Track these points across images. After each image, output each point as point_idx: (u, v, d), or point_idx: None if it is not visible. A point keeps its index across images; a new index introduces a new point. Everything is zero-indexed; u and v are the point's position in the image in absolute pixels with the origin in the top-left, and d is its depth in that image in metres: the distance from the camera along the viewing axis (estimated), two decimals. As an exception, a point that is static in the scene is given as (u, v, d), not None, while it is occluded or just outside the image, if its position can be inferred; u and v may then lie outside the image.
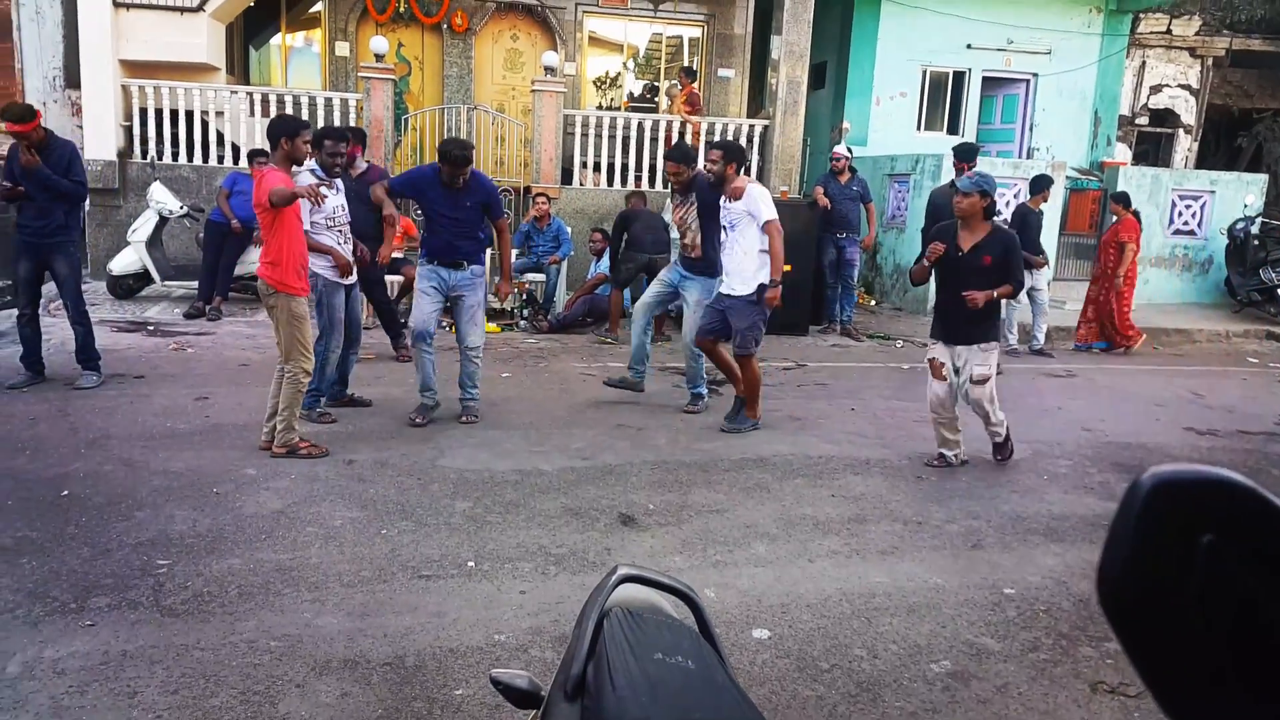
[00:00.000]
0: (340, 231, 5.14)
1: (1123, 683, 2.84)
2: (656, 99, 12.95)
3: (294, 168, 4.59)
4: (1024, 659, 3.01)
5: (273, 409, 4.57)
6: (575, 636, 1.15)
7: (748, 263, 5.23)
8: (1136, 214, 8.66)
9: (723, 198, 5.32)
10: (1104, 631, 3.08)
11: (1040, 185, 8.19)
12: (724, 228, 5.40)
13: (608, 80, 13.29)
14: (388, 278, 7.11)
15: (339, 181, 5.20)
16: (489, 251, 8.59)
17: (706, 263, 5.57)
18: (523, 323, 8.56)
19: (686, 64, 12.69)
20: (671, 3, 12.34)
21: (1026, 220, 8.03)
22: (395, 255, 6.58)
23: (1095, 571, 0.54)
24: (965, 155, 7.78)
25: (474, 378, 5.29)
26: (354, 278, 5.29)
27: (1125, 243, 8.46)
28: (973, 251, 4.57)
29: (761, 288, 5.22)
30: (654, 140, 10.55)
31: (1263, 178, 11.76)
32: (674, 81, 12.18)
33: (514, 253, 8.99)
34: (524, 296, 8.74)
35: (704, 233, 5.53)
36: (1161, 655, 0.51)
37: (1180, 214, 11.29)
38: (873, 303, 10.90)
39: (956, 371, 4.73)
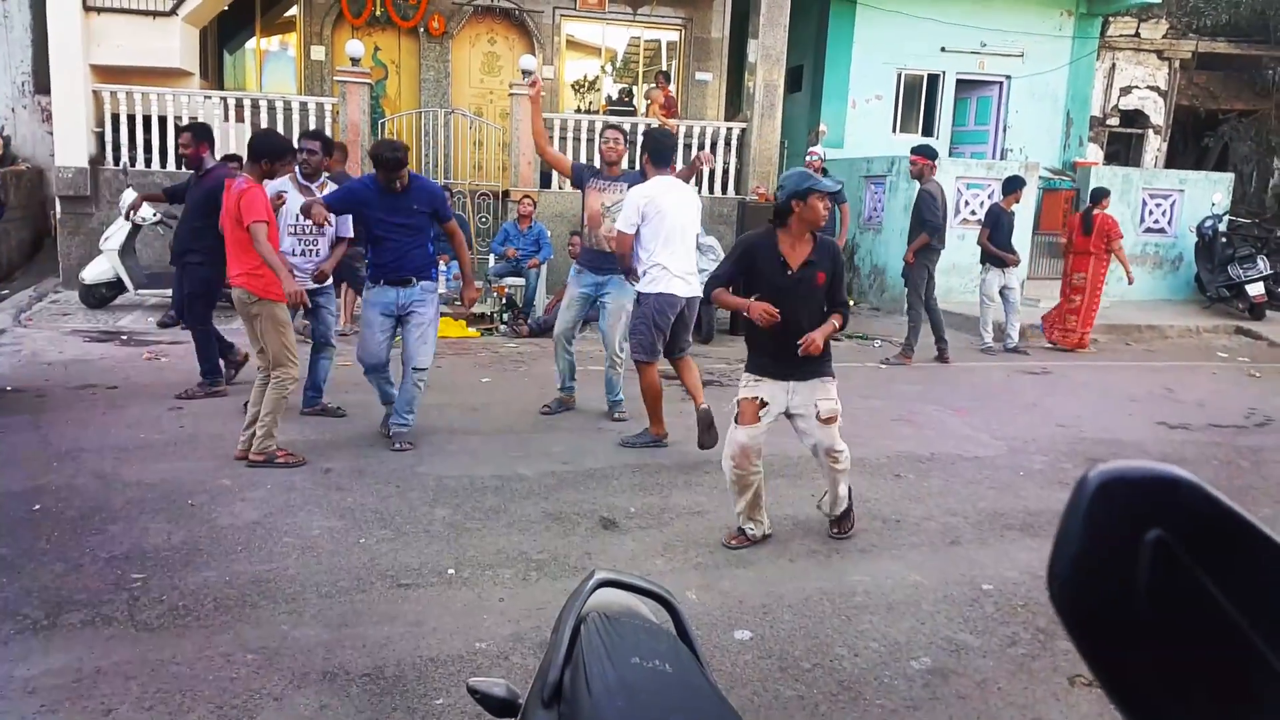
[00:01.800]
0: (300, 238, 5.13)
1: (1099, 677, 2.88)
2: (634, 102, 12.96)
3: (265, 181, 4.64)
4: (1003, 654, 3.04)
5: (252, 416, 4.54)
6: (551, 643, 1.14)
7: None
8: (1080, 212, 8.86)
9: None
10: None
11: (1013, 186, 8.29)
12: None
13: (586, 84, 13.29)
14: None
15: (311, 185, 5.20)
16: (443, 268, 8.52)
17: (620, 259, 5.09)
18: (503, 327, 8.54)
19: (664, 68, 12.72)
20: (649, 6, 12.35)
21: (999, 220, 8.17)
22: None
23: (1046, 569, 0.54)
24: (933, 154, 7.85)
25: (413, 403, 4.83)
26: (329, 281, 5.30)
27: None
28: (804, 268, 3.62)
29: (638, 294, 4.99)
30: (631, 144, 10.53)
31: (1229, 177, 11.97)
32: (652, 85, 12.22)
33: (492, 259, 8.99)
34: (504, 300, 8.72)
35: None
36: (1112, 652, 0.51)
37: (1151, 213, 11.46)
38: (850, 303, 10.95)
39: (789, 415, 3.81)
